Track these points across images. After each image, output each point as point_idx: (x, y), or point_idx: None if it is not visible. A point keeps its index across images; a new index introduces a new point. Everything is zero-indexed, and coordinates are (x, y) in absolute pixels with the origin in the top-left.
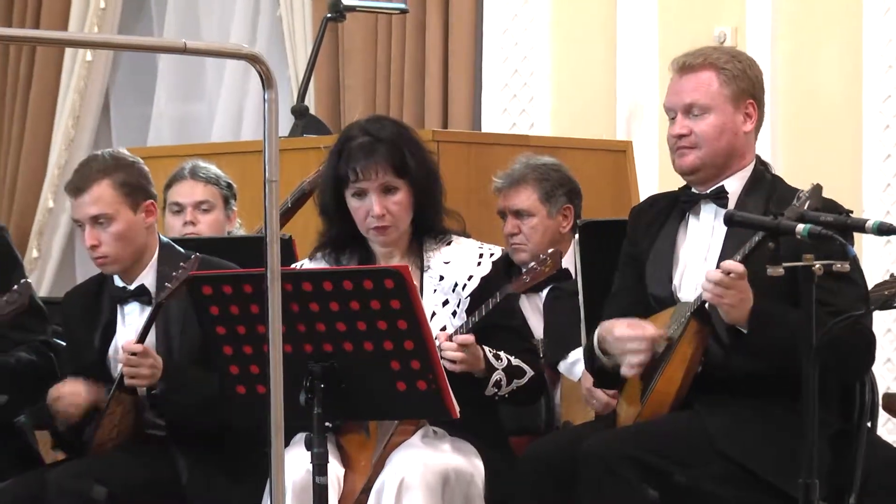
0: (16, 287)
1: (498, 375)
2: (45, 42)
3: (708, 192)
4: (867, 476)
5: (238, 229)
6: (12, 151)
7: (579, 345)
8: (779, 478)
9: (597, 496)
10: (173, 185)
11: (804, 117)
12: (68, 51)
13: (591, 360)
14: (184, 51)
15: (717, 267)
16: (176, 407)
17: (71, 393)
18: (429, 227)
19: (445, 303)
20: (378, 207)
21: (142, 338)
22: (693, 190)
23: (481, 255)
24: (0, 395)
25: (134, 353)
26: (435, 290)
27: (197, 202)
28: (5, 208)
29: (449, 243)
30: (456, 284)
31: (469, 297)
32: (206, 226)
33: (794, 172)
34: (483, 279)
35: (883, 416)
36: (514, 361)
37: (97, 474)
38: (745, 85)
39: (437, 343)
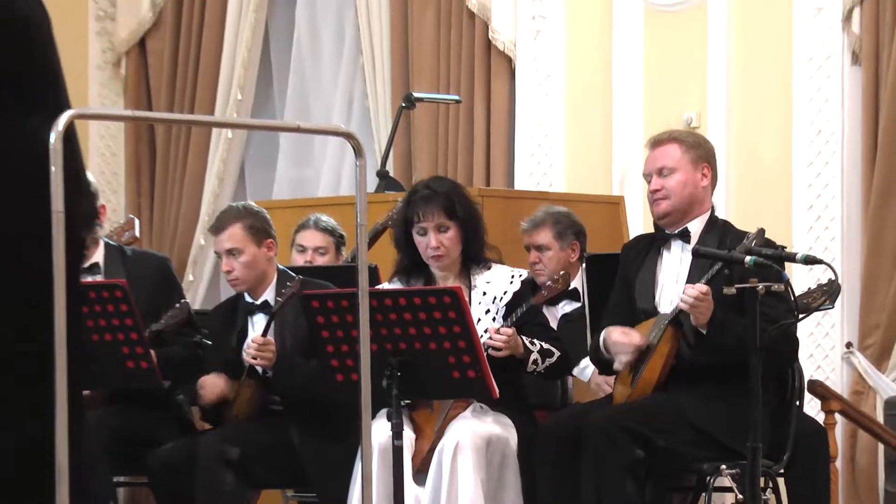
0: (177, 305)
1: (534, 356)
2: (198, 124)
3: (676, 232)
4: (796, 440)
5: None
6: (174, 203)
7: (586, 354)
8: (733, 441)
9: (598, 455)
10: (300, 231)
11: (749, 176)
12: (214, 130)
13: (595, 354)
14: (298, 130)
15: (685, 289)
16: (285, 386)
17: (212, 384)
18: (474, 256)
19: (487, 311)
20: (434, 242)
21: (264, 334)
22: (665, 231)
23: (513, 277)
24: (164, 381)
25: (259, 344)
26: (480, 303)
27: (316, 246)
28: (168, 245)
29: (489, 268)
30: (495, 298)
31: (504, 307)
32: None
33: (742, 218)
34: (515, 294)
35: (807, 396)
36: (545, 346)
37: (232, 439)
38: (701, 153)
39: (487, 335)
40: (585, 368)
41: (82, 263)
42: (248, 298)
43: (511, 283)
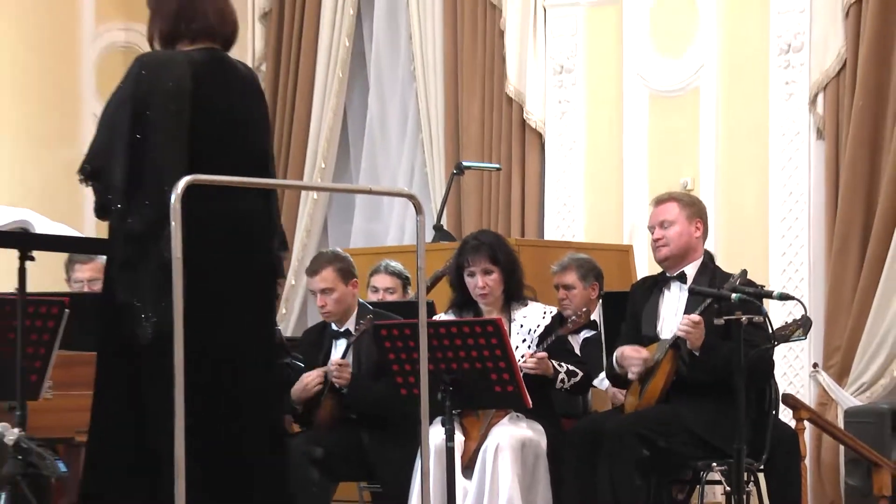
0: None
1: (562, 376)
2: (291, 187)
3: (674, 274)
4: (773, 443)
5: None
6: None
7: (602, 370)
8: (721, 443)
9: (612, 454)
10: (374, 275)
11: (734, 228)
12: (303, 192)
13: (610, 371)
14: (370, 192)
15: (682, 319)
16: (358, 401)
17: (303, 380)
18: (514, 294)
19: (524, 340)
20: (481, 283)
21: (343, 356)
22: (666, 273)
23: (545, 312)
24: None
25: (340, 365)
26: (518, 333)
27: (387, 287)
28: None
29: (526, 304)
30: (530, 330)
31: (538, 336)
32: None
33: (728, 261)
34: (546, 326)
35: (782, 407)
36: (571, 367)
37: (317, 442)
38: (695, 210)
39: (523, 359)
40: (603, 381)
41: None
42: (333, 327)
43: (543, 317)
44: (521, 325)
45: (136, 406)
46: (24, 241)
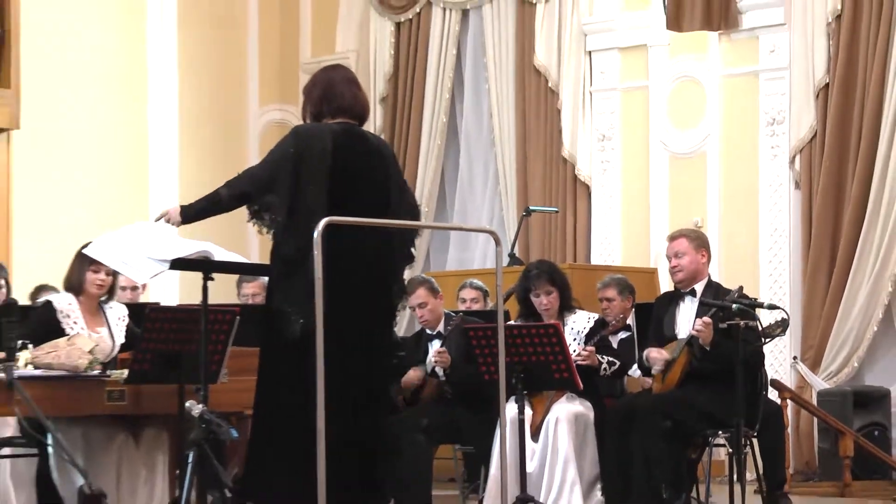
0: None
1: (604, 366)
2: (403, 226)
3: (687, 290)
4: (764, 416)
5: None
6: None
7: (635, 362)
8: (725, 416)
9: (643, 426)
10: (462, 289)
11: (732, 256)
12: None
13: (640, 364)
14: (461, 229)
15: (694, 324)
16: (456, 380)
17: (410, 374)
18: (566, 306)
19: (574, 339)
20: (545, 301)
21: (441, 347)
22: (681, 290)
23: (589, 318)
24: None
25: (440, 353)
26: (569, 333)
27: (472, 298)
28: None
29: (574, 312)
30: (578, 331)
31: (584, 336)
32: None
33: (729, 280)
34: (591, 328)
35: (770, 389)
36: (611, 359)
37: (423, 414)
38: (700, 243)
39: (576, 353)
40: (635, 371)
41: None
42: (428, 331)
43: (588, 322)
44: (572, 328)
45: (290, 384)
46: (206, 266)
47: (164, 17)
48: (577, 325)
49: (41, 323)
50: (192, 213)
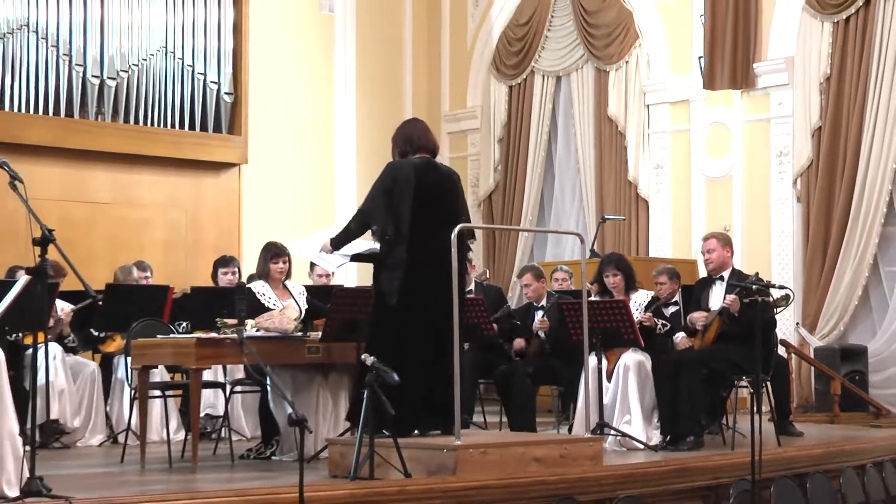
0: (504, 307)
1: (658, 327)
2: (515, 230)
3: (717, 277)
4: (775, 366)
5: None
6: (505, 263)
7: (682, 328)
8: (747, 366)
9: (688, 373)
10: (555, 272)
11: (752, 250)
12: (521, 233)
13: (685, 327)
14: (556, 231)
15: (724, 299)
16: (552, 341)
17: (517, 341)
18: (631, 286)
19: (636, 309)
20: (612, 281)
21: (542, 317)
22: (712, 276)
23: (648, 295)
24: (499, 339)
25: (542, 321)
26: (632, 305)
27: (563, 279)
28: (501, 281)
29: (636, 291)
30: (639, 304)
31: (643, 307)
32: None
33: (748, 267)
34: (648, 302)
35: (780, 347)
36: (663, 322)
37: (529, 364)
38: (726, 242)
39: (638, 318)
40: (679, 336)
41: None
42: (534, 304)
43: (646, 297)
44: (635, 301)
45: (390, 341)
46: (375, 259)
47: (346, 83)
48: (639, 299)
49: (249, 302)
50: (336, 242)
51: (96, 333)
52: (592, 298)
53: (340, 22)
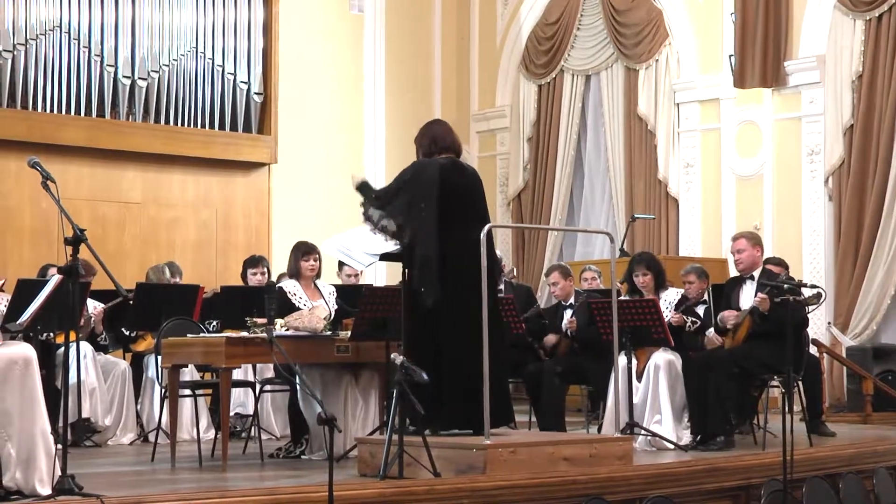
0: (534, 306)
1: (688, 325)
2: (546, 229)
3: (747, 276)
4: (807, 365)
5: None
6: (534, 263)
7: (712, 326)
8: (779, 365)
9: (718, 371)
10: (584, 272)
11: (783, 248)
12: (551, 232)
13: (715, 326)
14: (585, 231)
15: (757, 296)
16: (583, 338)
17: (550, 337)
18: (661, 284)
19: (666, 308)
20: (642, 280)
21: (571, 317)
22: (743, 276)
23: (677, 293)
24: (529, 337)
25: (570, 321)
26: (662, 304)
27: (592, 278)
28: (530, 280)
29: (666, 289)
30: (669, 302)
31: (673, 306)
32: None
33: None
34: (678, 301)
35: (812, 346)
36: (693, 319)
37: (558, 363)
38: (757, 241)
39: (668, 317)
40: (711, 331)
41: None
42: (563, 303)
43: (676, 296)
44: (664, 300)
45: (425, 340)
46: (404, 258)
47: (376, 82)
48: (669, 297)
49: (279, 302)
50: (363, 187)
51: (127, 332)
52: (623, 298)
53: (370, 22)
